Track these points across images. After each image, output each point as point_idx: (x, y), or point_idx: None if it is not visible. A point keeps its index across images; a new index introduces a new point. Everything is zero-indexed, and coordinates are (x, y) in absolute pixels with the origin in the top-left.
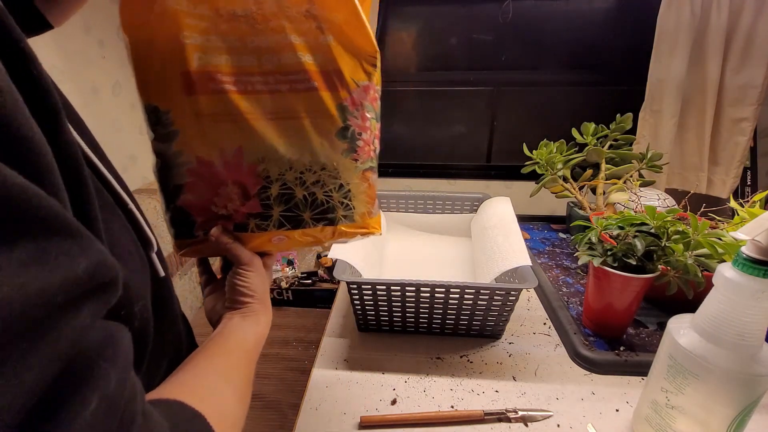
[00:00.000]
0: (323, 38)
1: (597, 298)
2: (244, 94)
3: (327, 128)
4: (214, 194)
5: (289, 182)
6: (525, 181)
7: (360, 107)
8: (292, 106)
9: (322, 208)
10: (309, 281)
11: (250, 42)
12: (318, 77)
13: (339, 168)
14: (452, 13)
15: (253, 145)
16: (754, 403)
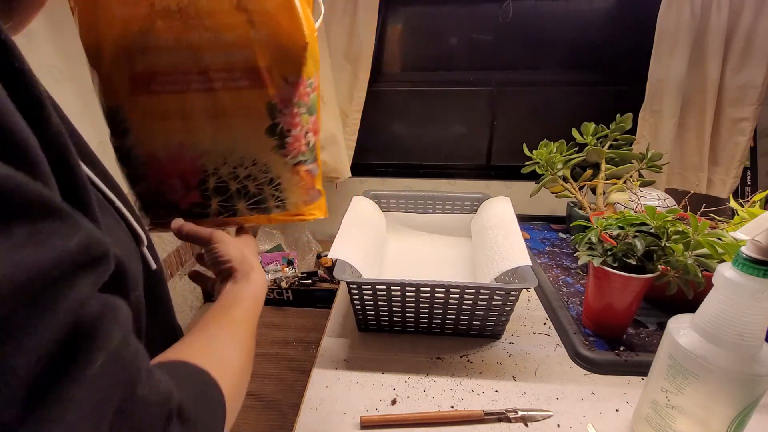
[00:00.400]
0: (253, 33)
1: (597, 298)
2: (182, 93)
3: (256, 126)
4: (162, 184)
5: (223, 176)
6: (525, 181)
7: (289, 104)
8: (224, 104)
9: (255, 200)
10: (309, 281)
11: (185, 40)
12: (247, 75)
13: (269, 163)
14: (452, 13)
15: (192, 141)
16: (754, 403)
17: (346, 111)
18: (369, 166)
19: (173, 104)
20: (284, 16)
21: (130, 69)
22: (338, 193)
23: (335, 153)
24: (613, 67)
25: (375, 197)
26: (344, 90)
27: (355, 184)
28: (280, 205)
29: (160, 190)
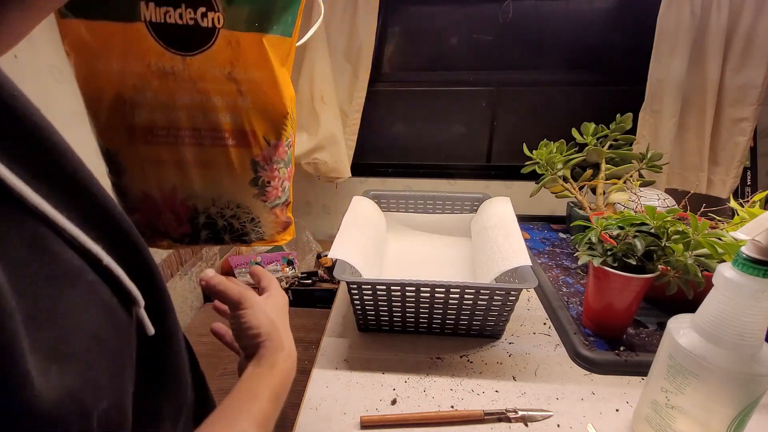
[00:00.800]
0: (242, 101)
1: (597, 298)
2: (176, 146)
3: (242, 177)
4: (156, 218)
5: (212, 214)
6: (525, 181)
7: (270, 161)
8: (213, 158)
9: (238, 233)
10: (309, 281)
11: (179, 100)
12: (235, 135)
13: (251, 207)
14: (452, 13)
15: (184, 186)
16: (754, 403)
17: (346, 111)
18: (369, 166)
19: (167, 154)
20: (269, 87)
21: (128, 120)
22: (338, 193)
23: (335, 153)
24: (613, 67)
25: (375, 197)
26: (344, 90)
27: (355, 184)
28: (258, 236)
29: (154, 221)
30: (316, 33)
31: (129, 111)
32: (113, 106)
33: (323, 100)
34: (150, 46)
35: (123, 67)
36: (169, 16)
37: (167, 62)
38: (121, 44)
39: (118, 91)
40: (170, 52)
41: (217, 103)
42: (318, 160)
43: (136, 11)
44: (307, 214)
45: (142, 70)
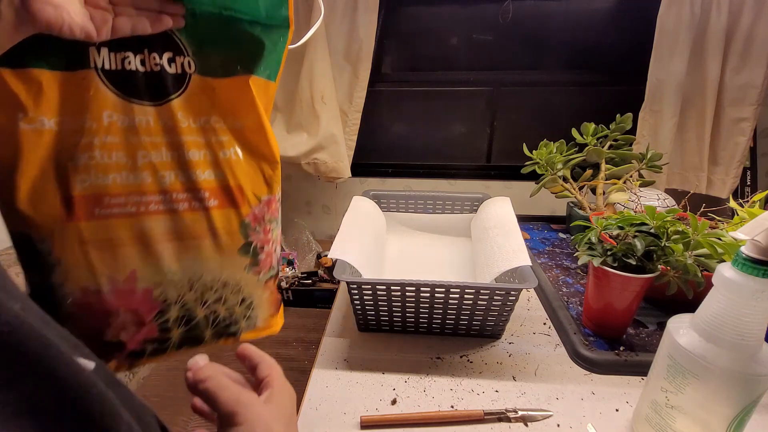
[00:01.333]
0: (224, 152)
1: (597, 298)
2: (137, 216)
3: (229, 246)
4: (104, 323)
5: (189, 303)
6: (525, 181)
7: (262, 221)
8: (191, 226)
9: (225, 324)
10: (309, 281)
11: (142, 158)
12: (219, 194)
13: (241, 283)
14: (452, 13)
15: (148, 269)
16: (753, 403)
17: (346, 111)
18: (369, 166)
19: (123, 230)
20: (255, 135)
21: (65, 191)
22: (338, 193)
23: (335, 153)
24: (613, 67)
25: (375, 197)
26: (344, 90)
27: (355, 184)
28: (250, 324)
29: (98, 330)
30: (316, 33)
31: (68, 180)
32: (42, 176)
33: (323, 100)
34: (102, 96)
35: (61, 125)
36: (127, 62)
37: (126, 114)
38: (60, 96)
39: (51, 154)
40: (130, 102)
41: (194, 157)
42: (318, 160)
43: (82, 58)
44: (307, 214)
45: (89, 126)
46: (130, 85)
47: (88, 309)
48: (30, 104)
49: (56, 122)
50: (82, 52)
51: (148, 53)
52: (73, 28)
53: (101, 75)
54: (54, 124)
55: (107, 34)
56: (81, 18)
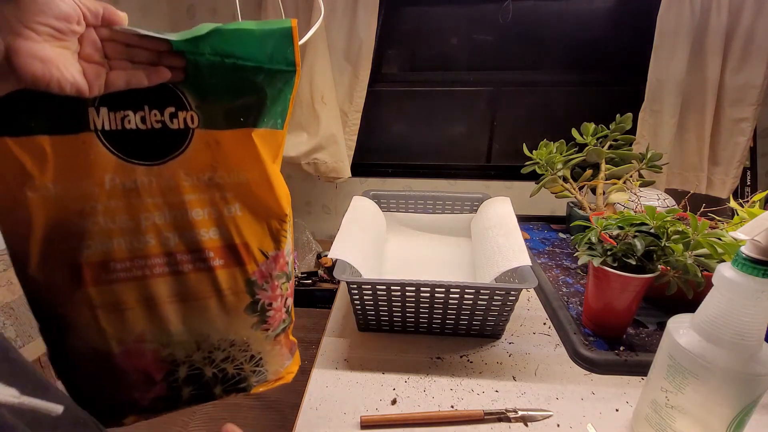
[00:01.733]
0: (228, 209)
1: (597, 298)
2: (143, 280)
3: (235, 306)
4: (116, 383)
5: (197, 363)
6: (525, 181)
7: (269, 278)
8: (196, 287)
9: (234, 381)
10: (309, 281)
11: (146, 220)
12: (224, 253)
13: (249, 341)
14: (452, 13)
15: (155, 331)
16: (753, 403)
17: (346, 111)
18: (369, 166)
19: (130, 293)
20: (261, 188)
21: (72, 258)
22: (338, 193)
23: (335, 153)
24: (613, 67)
25: (375, 197)
26: (344, 90)
27: (355, 184)
28: (260, 379)
29: (112, 390)
30: (316, 33)
31: (74, 245)
32: (49, 242)
33: (323, 100)
34: (103, 159)
35: (65, 190)
36: (127, 121)
37: (127, 176)
38: (62, 161)
39: (58, 221)
40: (131, 164)
41: (197, 216)
42: (318, 160)
43: (82, 120)
44: (307, 214)
45: (92, 191)
46: (131, 146)
47: (101, 369)
48: (35, 171)
49: (61, 188)
50: (82, 113)
51: (148, 110)
52: (62, 84)
53: (101, 137)
54: (59, 190)
55: (100, 89)
56: (72, 73)
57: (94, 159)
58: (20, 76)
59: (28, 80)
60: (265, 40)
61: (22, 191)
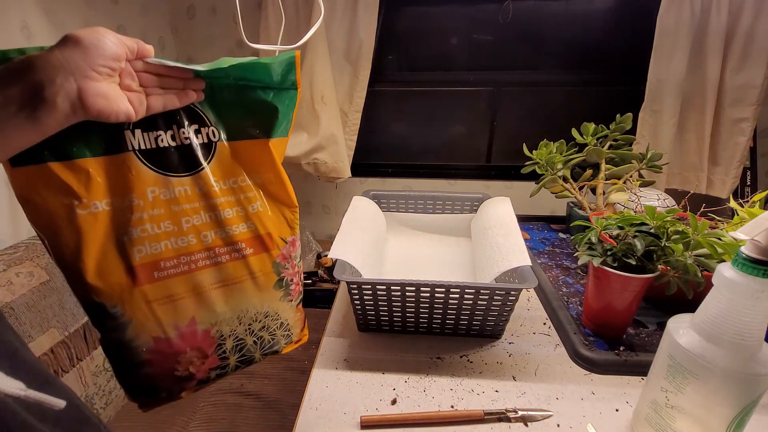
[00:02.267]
0: (252, 206)
1: (597, 298)
2: (189, 273)
3: (266, 284)
4: (175, 362)
5: (240, 335)
6: (525, 181)
7: (289, 259)
8: (234, 273)
9: (270, 345)
10: (309, 281)
11: (186, 223)
12: (253, 243)
13: (279, 311)
14: (452, 13)
15: (204, 314)
16: (753, 403)
17: (346, 111)
18: (369, 166)
19: (180, 286)
20: (277, 187)
21: (127, 263)
22: (338, 193)
23: (335, 153)
24: (613, 67)
25: (375, 197)
26: (344, 90)
27: (355, 184)
28: (288, 341)
29: (172, 368)
30: (316, 33)
31: (127, 252)
32: (104, 253)
33: (323, 100)
34: (144, 175)
35: (112, 205)
36: (160, 140)
37: (166, 187)
38: (107, 180)
39: (110, 233)
40: (168, 177)
41: (228, 215)
42: (318, 160)
43: (121, 142)
44: (307, 214)
45: (137, 203)
46: (166, 161)
47: (161, 353)
48: (82, 191)
49: (107, 203)
50: (119, 136)
51: (177, 129)
52: (119, 114)
53: (139, 156)
54: (106, 206)
55: (142, 114)
56: (124, 103)
57: (135, 175)
58: (88, 111)
59: (94, 114)
60: (275, 68)
61: (72, 210)
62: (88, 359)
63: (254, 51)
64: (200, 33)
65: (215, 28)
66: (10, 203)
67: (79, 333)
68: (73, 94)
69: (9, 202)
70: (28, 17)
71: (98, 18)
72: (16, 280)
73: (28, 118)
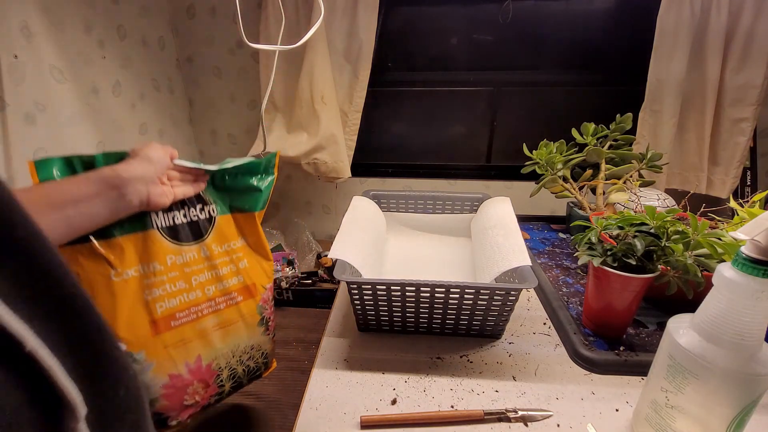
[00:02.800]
0: (242, 263)
1: (597, 298)
2: (197, 320)
3: (252, 323)
4: (184, 393)
5: (233, 366)
6: (525, 181)
7: (268, 301)
8: (229, 317)
9: (254, 371)
10: (309, 281)
11: (195, 281)
12: (243, 292)
13: (261, 343)
14: (452, 13)
15: (207, 351)
16: (753, 403)
17: (346, 111)
18: (369, 166)
19: (190, 331)
20: (259, 247)
21: (150, 317)
22: (338, 193)
23: (335, 153)
24: (613, 67)
25: (375, 197)
26: (344, 90)
27: (355, 184)
28: (267, 366)
29: (181, 398)
30: (316, 33)
31: (150, 308)
32: (133, 310)
33: (323, 100)
34: (164, 246)
35: (139, 272)
36: (175, 218)
37: (180, 254)
38: (137, 252)
39: (138, 294)
40: (181, 246)
41: (224, 272)
42: (318, 160)
43: (147, 222)
44: (307, 214)
45: (159, 268)
46: (180, 234)
47: (174, 387)
48: (117, 262)
49: (136, 270)
50: (146, 217)
51: (188, 209)
52: (164, 206)
53: (161, 231)
54: (134, 272)
55: (172, 201)
56: (167, 197)
57: (158, 247)
58: (151, 207)
59: (153, 208)
60: (264, 163)
61: (108, 278)
62: None
63: (254, 50)
64: (200, 33)
65: (215, 28)
66: None
67: None
68: (144, 196)
69: None
70: (28, 17)
71: (98, 18)
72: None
73: (111, 212)
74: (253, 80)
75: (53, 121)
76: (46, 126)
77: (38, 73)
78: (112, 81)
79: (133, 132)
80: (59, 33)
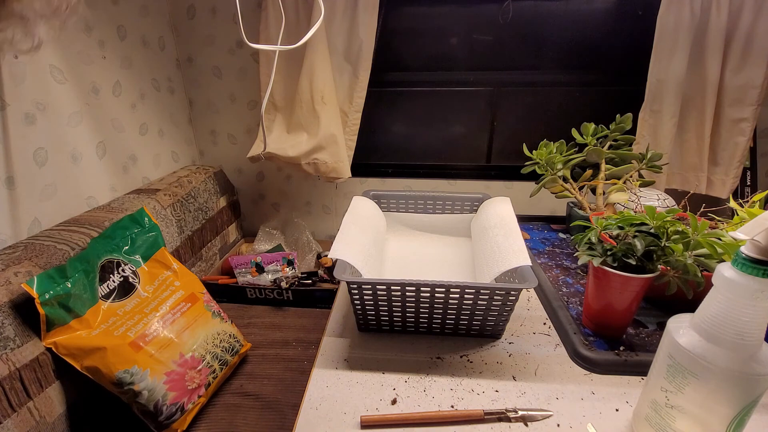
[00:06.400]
0: (176, 283)
1: (597, 298)
2: (164, 330)
3: (207, 318)
4: (184, 381)
5: (211, 349)
6: (525, 181)
7: (210, 301)
8: (189, 319)
9: (231, 349)
10: (309, 281)
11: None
12: (188, 300)
13: (224, 329)
14: (452, 13)
15: (186, 347)
16: (753, 403)
17: (346, 111)
18: (369, 166)
19: (163, 339)
20: (181, 269)
21: (125, 342)
22: (338, 193)
23: (335, 153)
24: (613, 67)
25: (375, 197)
26: (344, 90)
27: (355, 184)
28: (240, 345)
29: (185, 385)
30: (316, 33)
31: (124, 337)
32: (114, 344)
33: (323, 100)
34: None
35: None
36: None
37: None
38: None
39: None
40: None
41: (166, 294)
42: (318, 160)
43: (96, 296)
44: (307, 214)
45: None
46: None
47: (173, 380)
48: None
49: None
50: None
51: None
52: None
53: (103, 299)
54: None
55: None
56: None
57: (108, 308)
58: None
59: None
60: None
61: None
62: None
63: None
64: (200, 33)
65: (215, 28)
66: (10, 203)
67: None
68: None
69: (9, 202)
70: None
71: (98, 18)
72: (14, 279)
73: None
74: (253, 80)
75: (53, 121)
76: (46, 126)
77: (38, 73)
78: (112, 81)
79: (133, 132)
80: (59, 32)
